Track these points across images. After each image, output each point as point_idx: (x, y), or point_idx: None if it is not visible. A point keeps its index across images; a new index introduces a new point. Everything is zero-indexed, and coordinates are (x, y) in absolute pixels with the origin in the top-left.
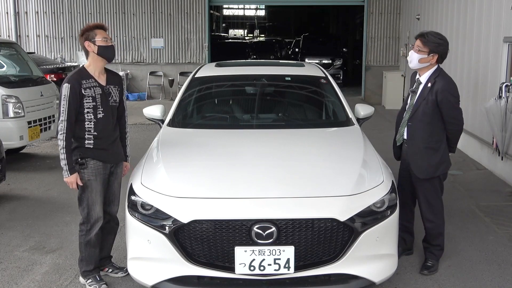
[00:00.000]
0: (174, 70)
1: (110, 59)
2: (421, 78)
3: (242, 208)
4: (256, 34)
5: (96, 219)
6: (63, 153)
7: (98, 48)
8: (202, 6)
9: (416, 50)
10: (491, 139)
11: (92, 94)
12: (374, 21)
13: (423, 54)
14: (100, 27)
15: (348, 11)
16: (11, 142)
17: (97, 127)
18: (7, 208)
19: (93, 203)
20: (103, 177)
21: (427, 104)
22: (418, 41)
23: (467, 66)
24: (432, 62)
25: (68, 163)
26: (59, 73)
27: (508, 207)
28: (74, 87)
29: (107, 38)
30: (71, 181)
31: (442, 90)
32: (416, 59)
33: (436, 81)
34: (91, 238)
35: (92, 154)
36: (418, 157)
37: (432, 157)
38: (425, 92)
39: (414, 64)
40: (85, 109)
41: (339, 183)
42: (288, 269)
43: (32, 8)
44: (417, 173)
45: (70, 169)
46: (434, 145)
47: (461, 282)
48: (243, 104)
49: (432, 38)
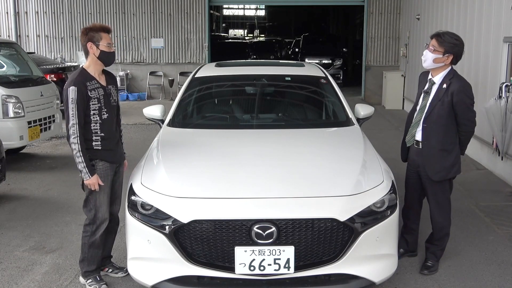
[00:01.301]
0: (174, 70)
1: (109, 65)
2: (434, 78)
3: (242, 208)
4: (256, 34)
5: (102, 220)
6: (79, 156)
7: (100, 53)
8: (202, 6)
9: (431, 49)
10: (491, 139)
11: (97, 96)
12: (374, 21)
13: (438, 54)
14: (106, 30)
15: (348, 11)
16: (11, 142)
17: (103, 128)
18: (7, 208)
19: (100, 204)
20: (110, 178)
21: (442, 105)
22: (433, 41)
23: (467, 66)
24: (446, 63)
25: (87, 165)
26: (59, 73)
27: (508, 207)
28: (81, 90)
29: (111, 44)
30: (93, 182)
31: (459, 92)
32: (431, 58)
33: (451, 82)
34: (96, 239)
35: (101, 155)
36: (433, 159)
37: (446, 160)
38: (440, 93)
39: (429, 64)
40: (91, 111)
41: (339, 183)
42: (288, 269)
43: (32, 8)
44: (431, 175)
45: (90, 170)
46: (448, 147)
47: (461, 282)
48: (243, 104)
49: (449, 38)
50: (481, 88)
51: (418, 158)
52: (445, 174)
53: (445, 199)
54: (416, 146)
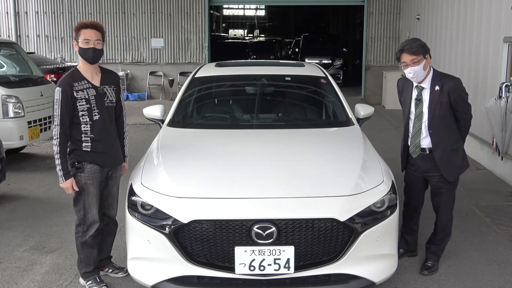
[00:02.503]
0: (174, 70)
1: (91, 62)
2: (422, 84)
3: (242, 208)
4: (256, 34)
5: (92, 222)
6: (57, 158)
7: (79, 50)
8: (202, 6)
9: (413, 63)
10: (491, 139)
11: (85, 96)
12: (374, 21)
13: (422, 62)
14: (85, 26)
15: (348, 11)
16: (11, 142)
17: (94, 129)
18: (7, 208)
19: (89, 206)
20: (99, 181)
21: (441, 106)
22: (407, 56)
23: (467, 66)
24: (430, 63)
25: (62, 168)
26: (59, 73)
27: (508, 207)
28: (66, 91)
29: (89, 40)
30: (67, 186)
31: (455, 89)
32: (420, 69)
33: (443, 82)
34: (87, 239)
35: (89, 158)
36: (447, 162)
37: (457, 158)
38: (435, 95)
39: (423, 75)
40: (80, 112)
41: (339, 183)
42: (288, 269)
43: (32, 8)
44: (448, 177)
45: (65, 174)
46: (455, 146)
47: (461, 282)
48: (243, 104)
49: (414, 44)
50: (481, 88)
51: (427, 164)
52: (459, 172)
53: (454, 199)
54: (422, 153)
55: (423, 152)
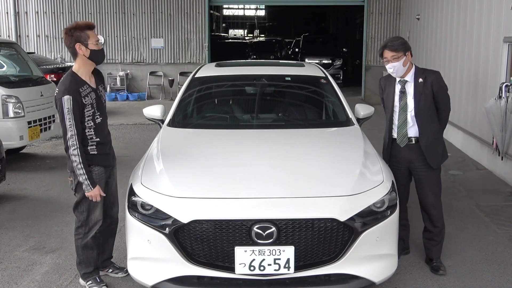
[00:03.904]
0: (174, 70)
1: (100, 63)
2: (406, 78)
3: (242, 208)
4: (256, 34)
5: (95, 222)
6: (81, 168)
7: (90, 53)
8: (202, 6)
9: (393, 60)
10: (491, 139)
11: (90, 102)
12: (374, 21)
13: (402, 58)
14: (91, 27)
15: (348, 11)
16: (11, 142)
17: (98, 132)
18: (7, 208)
19: (94, 207)
20: (104, 181)
21: (426, 97)
22: (388, 53)
23: (467, 66)
24: (410, 60)
25: (88, 177)
26: (59, 73)
27: (508, 207)
28: (76, 99)
29: (98, 41)
30: (96, 194)
31: (437, 81)
32: (400, 65)
33: (426, 75)
34: (88, 241)
35: (97, 161)
36: (431, 149)
37: (439, 147)
38: (419, 87)
39: (401, 70)
40: (86, 118)
41: (339, 183)
42: (288, 269)
43: (32, 8)
44: (433, 164)
45: (92, 182)
46: (437, 136)
47: (461, 282)
48: (243, 104)
49: (396, 42)
50: (481, 88)
51: (412, 154)
52: (440, 160)
53: (440, 183)
54: (409, 143)
55: (409, 142)
